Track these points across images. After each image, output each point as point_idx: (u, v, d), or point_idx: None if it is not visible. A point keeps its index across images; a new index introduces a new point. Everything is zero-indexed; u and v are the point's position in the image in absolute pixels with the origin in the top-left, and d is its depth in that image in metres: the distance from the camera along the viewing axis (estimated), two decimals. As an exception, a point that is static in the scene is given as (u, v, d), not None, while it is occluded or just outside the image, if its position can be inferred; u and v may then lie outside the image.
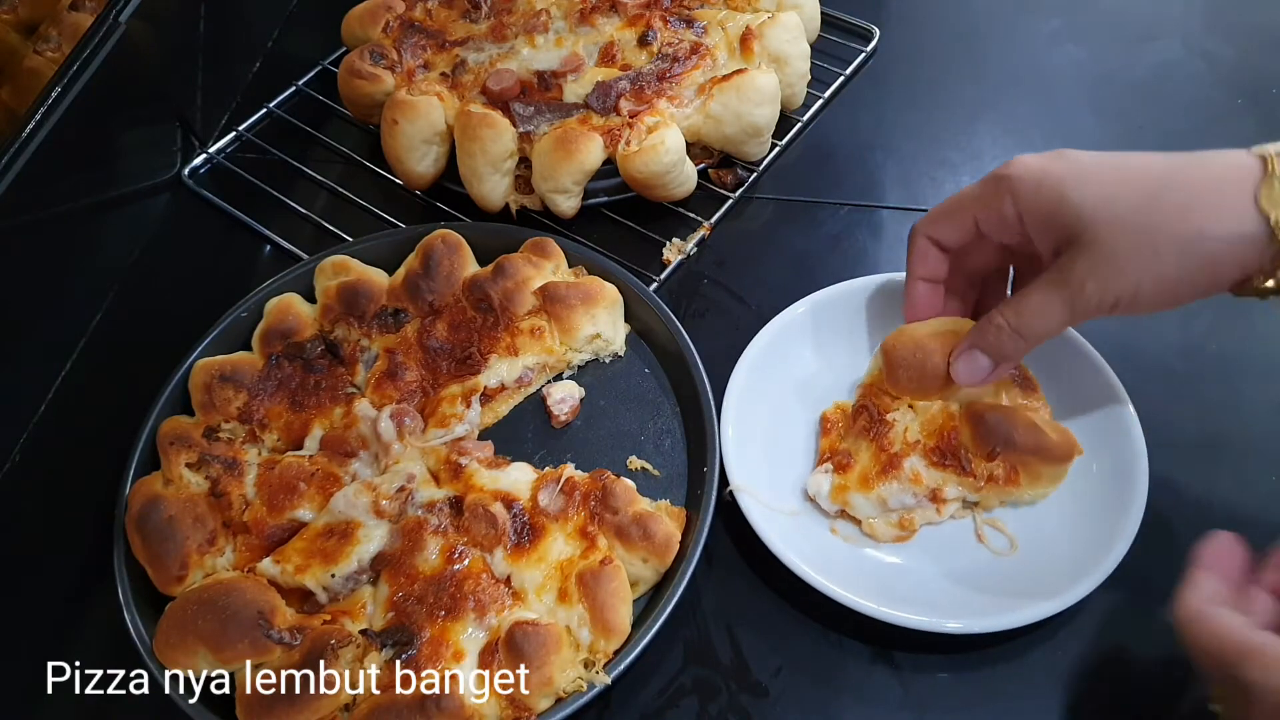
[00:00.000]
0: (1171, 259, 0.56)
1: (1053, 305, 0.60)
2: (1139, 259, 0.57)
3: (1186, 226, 0.56)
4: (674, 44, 0.93)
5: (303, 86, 1.08)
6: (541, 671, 0.60)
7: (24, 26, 0.90)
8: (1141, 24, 1.10)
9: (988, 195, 0.64)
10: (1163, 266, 0.56)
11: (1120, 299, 0.58)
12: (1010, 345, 0.63)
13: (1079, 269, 0.58)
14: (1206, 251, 0.56)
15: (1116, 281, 0.57)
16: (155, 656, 0.63)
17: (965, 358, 0.66)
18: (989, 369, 0.65)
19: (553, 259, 0.83)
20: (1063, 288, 0.59)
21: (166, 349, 0.79)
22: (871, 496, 0.68)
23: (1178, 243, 0.56)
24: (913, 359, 0.68)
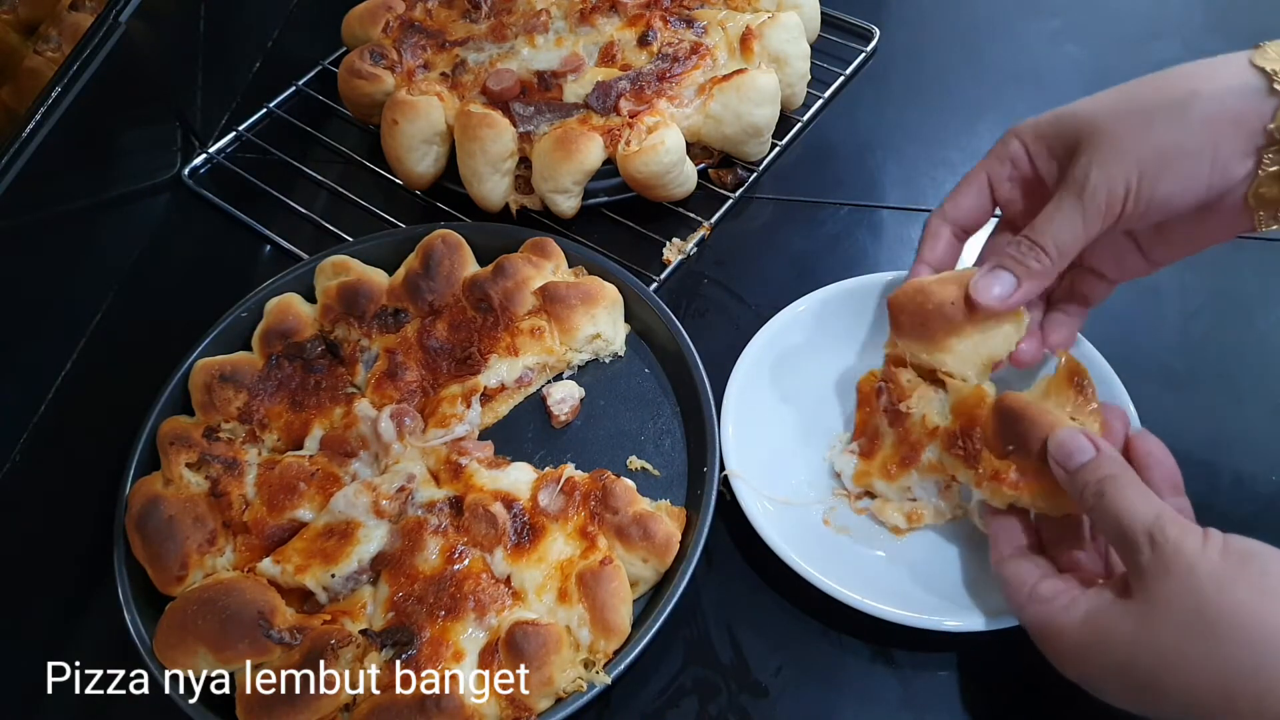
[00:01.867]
0: (1167, 126, 0.55)
1: (1065, 210, 0.58)
2: (1135, 134, 0.55)
3: (1179, 91, 0.55)
4: (674, 44, 0.93)
5: (303, 86, 1.08)
6: (541, 671, 0.60)
7: (24, 26, 0.90)
8: (1141, 24, 1.10)
9: (994, 151, 0.65)
10: (1159, 136, 0.55)
11: (1128, 185, 0.56)
12: (1032, 259, 0.60)
13: (1082, 166, 0.57)
14: (1202, 113, 0.54)
15: (1118, 165, 0.56)
16: (155, 656, 0.63)
17: (988, 275, 0.62)
18: (1013, 286, 0.61)
19: (553, 259, 0.83)
20: (1072, 189, 0.58)
21: (166, 349, 0.79)
22: (895, 487, 0.69)
23: (1171, 108, 0.55)
24: (912, 302, 0.65)
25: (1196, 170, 0.55)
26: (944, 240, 0.67)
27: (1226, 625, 0.46)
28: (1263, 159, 0.54)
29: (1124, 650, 0.50)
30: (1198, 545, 0.48)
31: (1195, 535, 0.49)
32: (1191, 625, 0.47)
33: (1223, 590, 0.47)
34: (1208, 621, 0.46)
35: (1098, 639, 0.51)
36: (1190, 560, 0.48)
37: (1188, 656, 0.47)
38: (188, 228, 0.97)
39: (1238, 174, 0.55)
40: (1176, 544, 0.49)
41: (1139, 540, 0.50)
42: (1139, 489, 0.53)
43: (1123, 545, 0.51)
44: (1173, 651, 0.47)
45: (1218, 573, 0.47)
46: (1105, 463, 0.55)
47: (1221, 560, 0.47)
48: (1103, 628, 0.51)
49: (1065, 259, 0.60)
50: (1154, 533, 0.50)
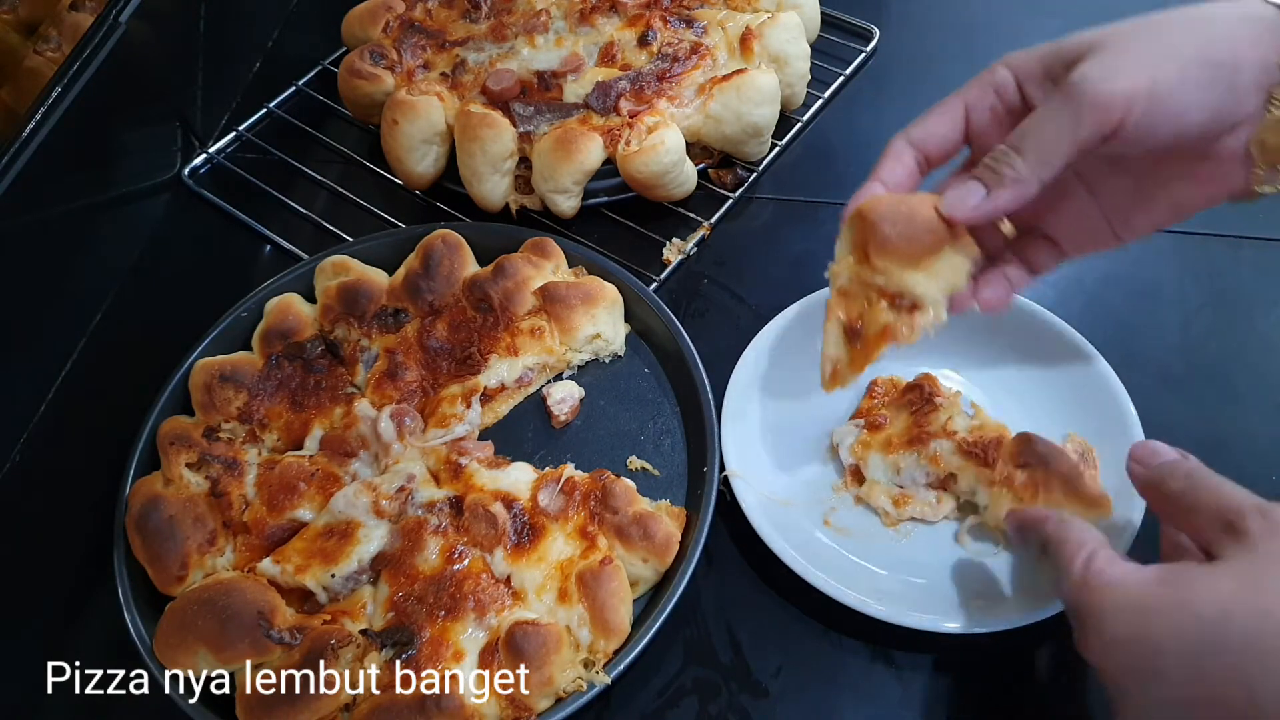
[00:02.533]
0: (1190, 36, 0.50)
1: (1052, 110, 0.52)
2: (1152, 42, 0.51)
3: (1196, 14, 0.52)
4: (674, 44, 0.93)
5: (303, 86, 1.08)
6: (541, 671, 0.60)
7: (24, 26, 0.90)
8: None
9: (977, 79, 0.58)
10: (1180, 44, 0.50)
11: (1133, 87, 0.49)
12: (1009, 167, 0.53)
13: (1082, 70, 0.51)
14: (1225, 29, 0.50)
15: (1124, 66, 0.50)
16: (155, 656, 0.63)
17: (958, 187, 0.55)
18: (981, 196, 0.54)
19: (553, 259, 0.83)
20: (1062, 89, 0.51)
21: (166, 349, 0.79)
22: (889, 461, 0.69)
23: (1191, 23, 0.51)
24: (896, 212, 0.56)
25: (1215, 82, 0.50)
26: (905, 164, 0.59)
27: None
28: (1271, 98, 0.50)
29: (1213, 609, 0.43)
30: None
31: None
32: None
33: None
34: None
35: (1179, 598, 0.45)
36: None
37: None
38: (188, 228, 0.97)
39: (1245, 108, 0.51)
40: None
41: (1245, 510, 0.46)
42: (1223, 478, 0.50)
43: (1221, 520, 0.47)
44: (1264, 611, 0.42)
45: None
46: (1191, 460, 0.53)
47: None
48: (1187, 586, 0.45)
49: (1047, 168, 0.52)
50: (1262, 506, 0.46)
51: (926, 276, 0.56)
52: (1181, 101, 0.50)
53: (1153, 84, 0.49)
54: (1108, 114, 0.50)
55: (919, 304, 0.56)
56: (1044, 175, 0.52)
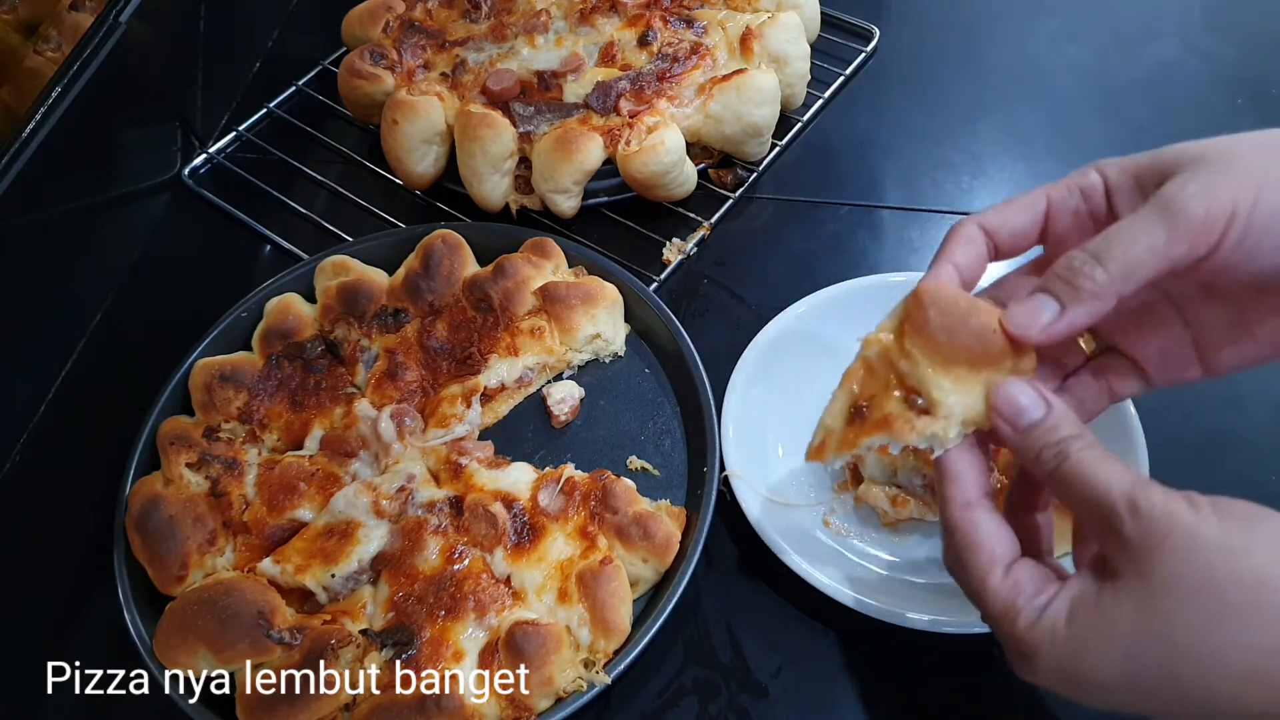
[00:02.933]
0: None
1: (1145, 223, 0.46)
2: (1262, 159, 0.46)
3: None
4: (674, 44, 0.93)
5: (303, 86, 1.08)
6: (541, 671, 0.60)
7: (24, 26, 0.90)
8: (1141, 24, 1.10)
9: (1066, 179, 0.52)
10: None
11: (1236, 204, 0.45)
12: (1088, 279, 0.47)
13: (1178, 184, 0.46)
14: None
15: (1230, 183, 0.45)
16: (155, 656, 0.63)
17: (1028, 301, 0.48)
18: (1054, 312, 0.48)
19: (553, 259, 0.83)
20: (1158, 200, 0.46)
21: (166, 349, 0.79)
22: (885, 461, 0.68)
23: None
24: (954, 305, 0.49)
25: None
26: (977, 248, 0.53)
27: (1251, 602, 0.40)
28: None
29: (1125, 641, 0.42)
30: (1189, 511, 0.42)
31: (1180, 500, 0.42)
32: (1207, 605, 0.40)
33: (1237, 561, 0.40)
34: (1226, 600, 0.40)
35: (1091, 635, 0.43)
36: (1190, 529, 0.41)
37: (1210, 642, 0.40)
38: (188, 228, 0.97)
39: None
40: (1167, 511, 0.42)
41: (1118, 508, 0.43)
42: (1106, 454, 0.45)
43: (1097, 517, 0.44)
44: (1189, 638, 0.41)
45: (1226, 541, 0.41)
46: (1062, 421, 0.46)
47: (1224, 525, 0.41)
48: (1096, 621, 0.43)
49: (1129, 282, 0.46)
50: (1135, 499, 0.42)
51: (954, 385, 0.49)
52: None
53: (1254, 206, 0.45)
54: (1204, 233, 0.45)
55: (932, 410, 0.49)
56: (1124, 290, 0.47)
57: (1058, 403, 0.47)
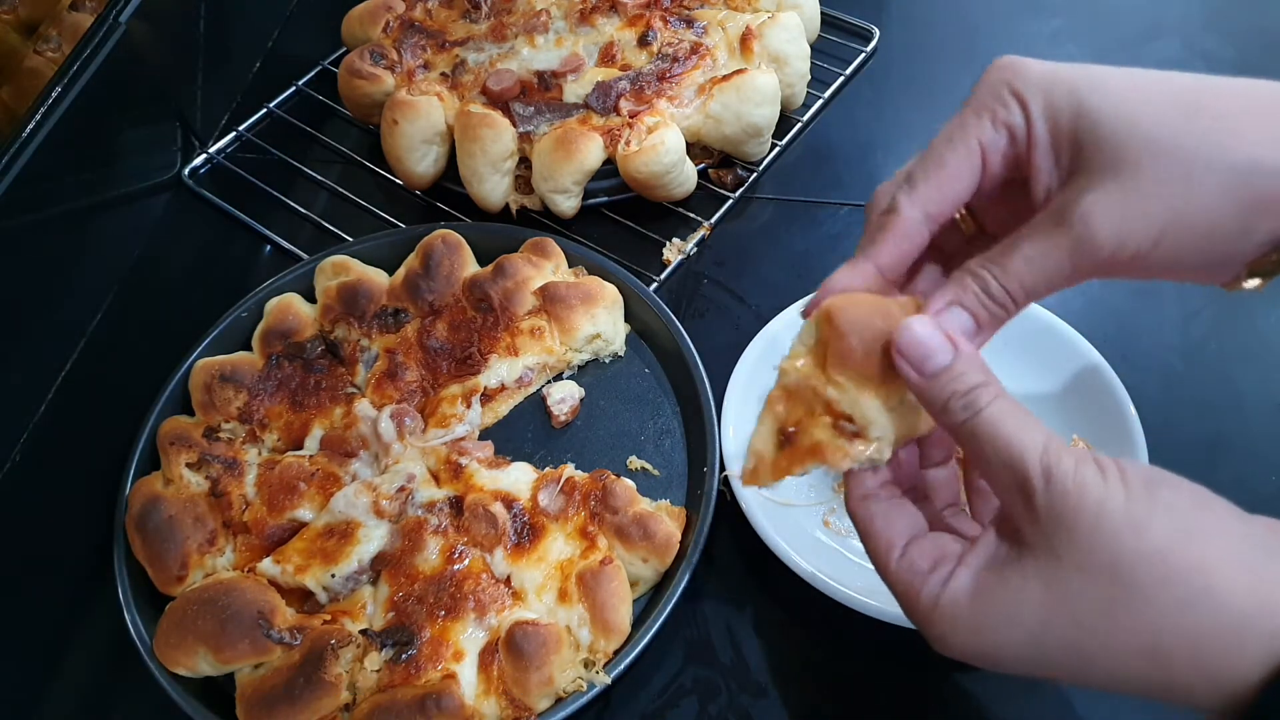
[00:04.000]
0: (1210, 195, 0.43)
1: (1053, 251, 0.45)
2: (1169, 193, 0.43)
3: (1233, 154, 0.43)
4: (674, 44, 0.93)
5: (303, 86, 1.08)
6: (541, 671, 0.60)
7: (24, 26, 0.90)
8: (1141, 24, 1.10)
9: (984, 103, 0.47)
10: (1197, 204, 0.43)
11: (1140, 247, 0.43)
12: (997, 302, 0.46)
13: (1090, 203, 0.44)
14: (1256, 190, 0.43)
15: (1138, 221, 0.43)
16: (155, 656, 0.63)
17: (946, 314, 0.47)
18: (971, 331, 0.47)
19: (553, 259, 0.83)
20: (1068, 229, 0.44)
21: (166, 349, 0.79)
22: None
23: (1221, 174, 0.43)
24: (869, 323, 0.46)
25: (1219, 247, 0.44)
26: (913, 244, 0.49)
27: (1155, 577, 0.39)
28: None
29: (1033, 620, 0.41)
30: (1099, 479, 0.40)
31: (1091, 464, 0.41)
32: (1114, 581, 0.40)
33: (1141, 534, 0.39)
34: (1133, 576, 0.39)
35: (997, 612, 0.42)
36: (1098, 500, 0.40)
37: (1114, 619, 0.40)
38: (188, 228, 0.97)
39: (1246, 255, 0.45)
40: (1078, 481, 0.40)
41: (1031, 475, 0.41)
42: (1017, 407, 0.43)
43: (1009, 479, 0.42)
44: (1094, 615, 0.40)
45: (1131, 514, 0.40)
46: (972, 369, 0.43)
47: (1130, 495, 0.40)
48: (1001, 598, 0.42)
49: (1032, 299, 0.47)
50: (1049, 464, 0.40)
51: (884, 406, 0.47)
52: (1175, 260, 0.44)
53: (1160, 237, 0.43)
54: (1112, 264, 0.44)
55: (864, 432, 0.47)
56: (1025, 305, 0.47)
57: (967, 347, 0.44)
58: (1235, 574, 0.39)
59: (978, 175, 0.48)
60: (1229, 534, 0.40)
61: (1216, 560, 0.39)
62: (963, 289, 0.47)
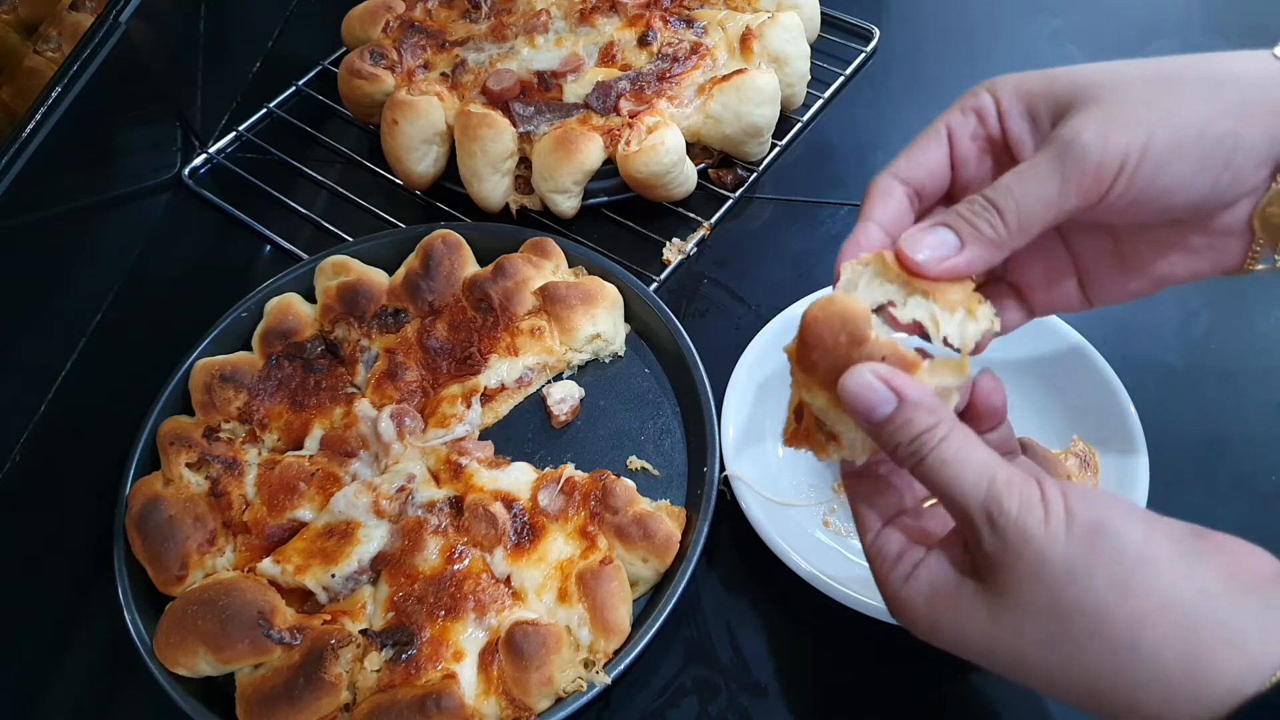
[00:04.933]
0: (1197, 99, 0.45)
1: (1039, 169, 0.46)
2: (1153, 102, 0.45)
3: (1210, 69, 0.46)
4: (674, 44, 0.93)
5: (303, 86, 1.08)
6: (541, 671, 0.60)
7: (24, 26, 0.90)
8: (1141, 24, 1.10)
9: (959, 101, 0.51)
10: (1187, 108, 0.45)
11: (1128, 155, 0.44)
12: (985, 220, 0.47)
13: (1076, 123, 0.45)
14: (1239, 96, 0.45)
15: (1122, 129, 0.45)
16: (155, 656, 0.63)
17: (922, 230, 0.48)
18: (955, 248, 0.47)
19: (553, 259, 0.83)
20: (1054, 147, 0.46)
21: (166, 349, 0.79)
22: None
23: (1203, 83, 0.45)
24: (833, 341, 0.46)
25: (1213, 160, 0.45)
26: (896, 199, 0.51)
27: (1088, 629, 0.41)
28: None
29: (979, 642, 0.44)
30: (1041, 525, 0.41)
31: (1036, 508, 0.42)
32: (1050, 627, 0.42)
33: (1077, 584, 0.41)
34: (1068, 626, 0.41)
35: (948, 624, 0.45)
36: (1039, 548, 0.41)
37: (1051, 661, 0.42)
38: (188, 228, 0.97)
39: (1247, 183, 0.46)
40: (1020, 525, 0.42)
41: (976, 520, 0.43)
42: (963, 446, 0.44)
43: (960, 520, 0.44)
44: (1033, 654, 0.43)
45: (1070, 562, 0.41)
46: (916, 415, 0.44)
47: (1070, 541, 0.41)
48: (952, 616, 0.45)
49: (1025, 234, 0.47)
50: (991, 511, 0.42)
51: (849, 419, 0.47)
52: (1174, 177, 0.45)
53: (1146, 153, 0.44)
54: (1097, 182, 0.45)
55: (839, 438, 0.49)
56: (1019, 242, 0.47)
57: (912, 392, 0.44)
58: (1167, 632, 0.40)
59: (945, 151, 0.51)
60: (1167, 585, 0.41)
61: (1150, 616, 0.40)
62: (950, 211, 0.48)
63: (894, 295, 0.48)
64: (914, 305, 0.47)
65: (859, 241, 0.51)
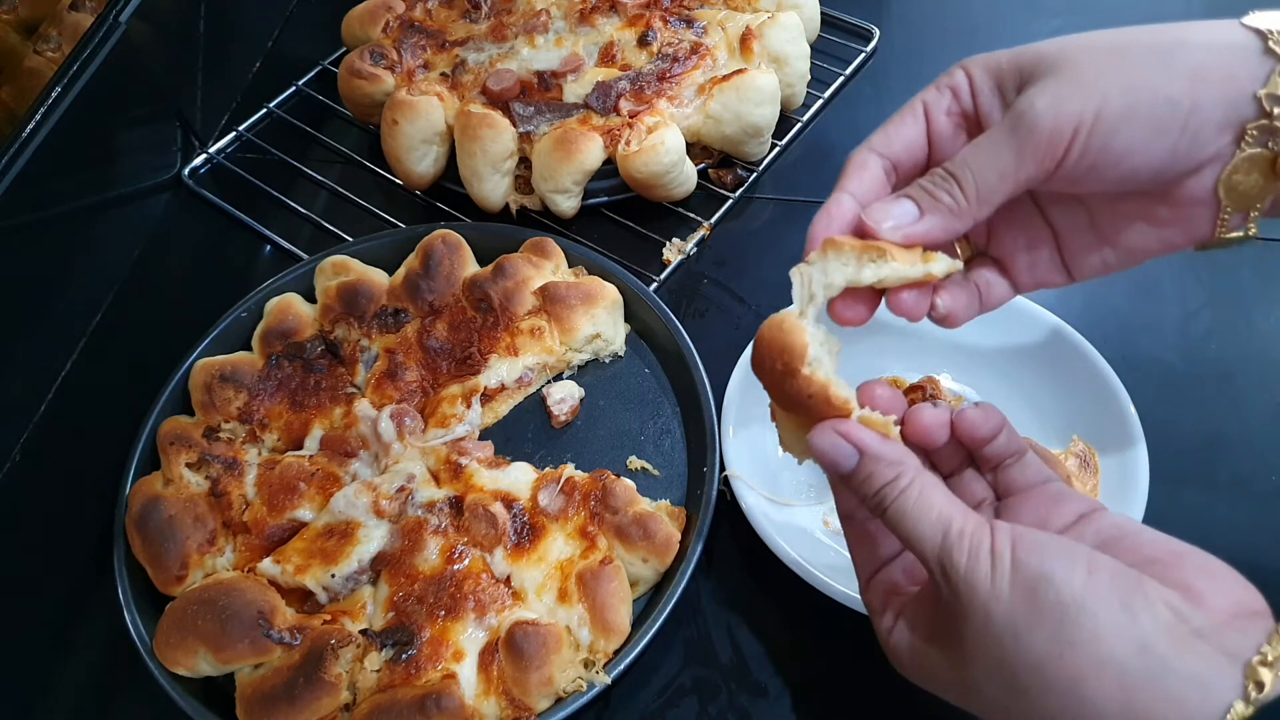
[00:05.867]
0: (1147, 64, 0.46)
1: (994, 139, 0.47)
2: (1105, 67, 0.46)
3: (1163, 37, 0.46)
4: (674, 44, 0.93)
5: (303, 86, 1.08)
6: (541, 671, 0.60)
7: (24, 26, 0.90)
8: (1141, 24, 1.10)
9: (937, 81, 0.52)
10: (1133, 73, 0.45)
11: (1080, 120, 0.45)
12: (944, 191, 0.48)
13: (1031, 94, 0.47)
14: (1189, 61, 0.45)
15: (1073, 96, 0.45)
16: (155, 656, 0.63)
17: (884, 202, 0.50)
18: (913, 217, 0.49)
19: (553, 259, 0.83)
20: (1009, 118, 0.47)
21: (166, 349, 0.79)
22: None
23: (1153, 49, 0.46)
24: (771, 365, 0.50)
25: (1168, 123, 0.45)
26: (872, 172, 0.52)
27: (1031, 684, 0.42)
28: (1244, 135, 0.45)
29: (951, 691, 0.48)
30: (987, 580, 0.43)
31: (984, 561, 0.43)
32: (1000, 681, 0.44)
33: (1020, 642, 0.42)
34: (1014, 680, 0.43)
35: (925, 674, 0.49)
36: (984, 604, 0.43)
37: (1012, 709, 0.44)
38: (188, 228, 0.97)
39: (1208, 149, 0.45)
40: (968, 580, 0.43)
41: (933, 570, 0.45)
42: (921, 497, 0.46)
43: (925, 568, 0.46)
44: (996, 703, 0.45)
45: (1013, 618, 0.42)
46: (877, 468, 0.47)
47: (1012, 596, 0.42)
48: (925, 666, 0.48)
49: (985, 204, 0.48)
50: (944, 563, 0.44)
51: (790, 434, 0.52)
52: (1128, 140, 0.45)
53: (1099, 117, 0.45)
54: (1051, 149, 0.46)
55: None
56: (980, 214, 0.48)
57: (871, 448, 0.47)
58: (1106, 687, 0.41)
59: (921, 126, 0.52)
60: (1106, 639, 0.41)
61: (1089, 672, 0.41)
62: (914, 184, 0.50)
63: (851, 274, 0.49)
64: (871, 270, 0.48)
65: (830, 212, 0.52)
